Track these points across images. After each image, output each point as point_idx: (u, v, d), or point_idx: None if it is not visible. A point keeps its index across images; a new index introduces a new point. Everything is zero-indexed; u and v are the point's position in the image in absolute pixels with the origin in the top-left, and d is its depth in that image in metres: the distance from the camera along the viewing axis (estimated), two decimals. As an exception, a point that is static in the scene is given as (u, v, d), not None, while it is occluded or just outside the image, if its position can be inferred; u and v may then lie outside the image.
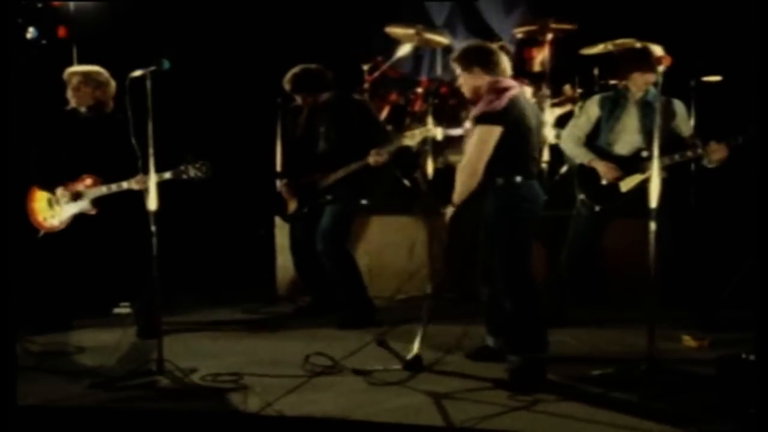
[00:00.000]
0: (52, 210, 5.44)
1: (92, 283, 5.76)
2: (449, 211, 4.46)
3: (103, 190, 5.32)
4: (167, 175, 5.05)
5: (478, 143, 4.26)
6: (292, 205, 5.99)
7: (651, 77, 5.21)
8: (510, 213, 4.31)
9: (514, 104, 4.29)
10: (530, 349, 4.30)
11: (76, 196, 5.37)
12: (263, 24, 7.67)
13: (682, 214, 5.31)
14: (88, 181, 5.36)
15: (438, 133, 5.86)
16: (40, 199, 5.49)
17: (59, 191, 5.40)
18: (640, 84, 5.29)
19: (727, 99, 6.24)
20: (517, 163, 4.32)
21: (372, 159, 5.54)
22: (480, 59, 4.44)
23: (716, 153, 5.10)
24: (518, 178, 4.31)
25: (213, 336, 5.47)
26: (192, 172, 5.12)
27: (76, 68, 5.57)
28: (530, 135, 4.38)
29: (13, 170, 4.76)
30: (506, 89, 4.31)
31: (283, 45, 7.47)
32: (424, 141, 6.52)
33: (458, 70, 4.51)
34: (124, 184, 5.24)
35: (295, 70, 5.77)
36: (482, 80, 4.41)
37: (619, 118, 5.37)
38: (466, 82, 4.48)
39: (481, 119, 4.26)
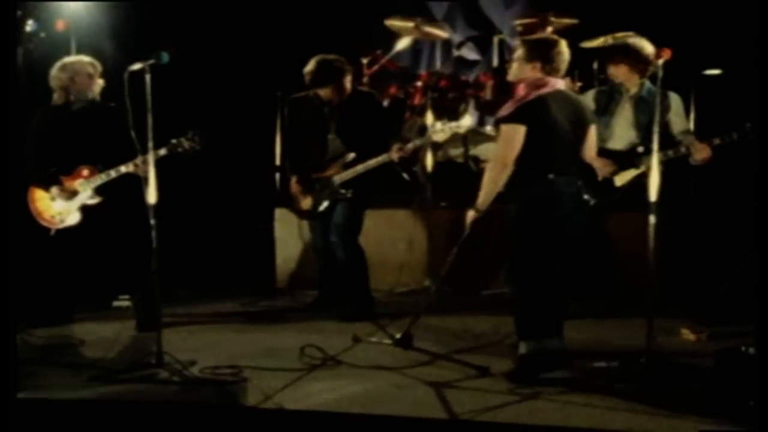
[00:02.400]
0: (58, 207, 5.40)
1: (92, 275, 5.76)
2: (471, 216, 4.42)
3: (103, 177, 5.32)
4: (162, 151, 5.09)
5: (505, 142, 4.30)
6: (306, 202, 5.81)
7: (622, 68, 5.25)
8: (534, 208, 4.32)
9: (540, 102, 4.30)
10: (536, 334, 4.28)
11: (72, 194, 5.36)
12: (262, 17, 7.66)
13: (681, 208, 5.32)
14: (85, 172, 5.35)
15: (465, 128, 5.71)
16: (42, 198, 5.43)
17: (54, 190, 5.38)
18: (625, 79, 5.33)
19: (728, 93, 6.24)
20: (546, 161, 4.30)
21: (395, 154, 5.44)
22: (544, 56, 4.38)
23: (699, 152, 5.12)
24: (550, 176, 4.29)
25: (212, 329, 5.48)
26: (186, 144, 5.16)
27: (73, 60, 5.52)
28: (558, 132, 4.33)
29: (13, 165, 4.76)
30: (539, 87, 4.33)
31: (281, 38, 7.47)
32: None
33: (518, 53, 4.46)
34: (122, 168, 5.24)
35: (318, 59, 5.57)
36: (532, 74, 4.40)
37: (613, 113, 5.40)
38: (520, 68, 4.45)
39: (504, 120, 4.29)
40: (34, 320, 5.43)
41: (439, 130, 5.40)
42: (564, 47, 4.42)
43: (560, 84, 4.43)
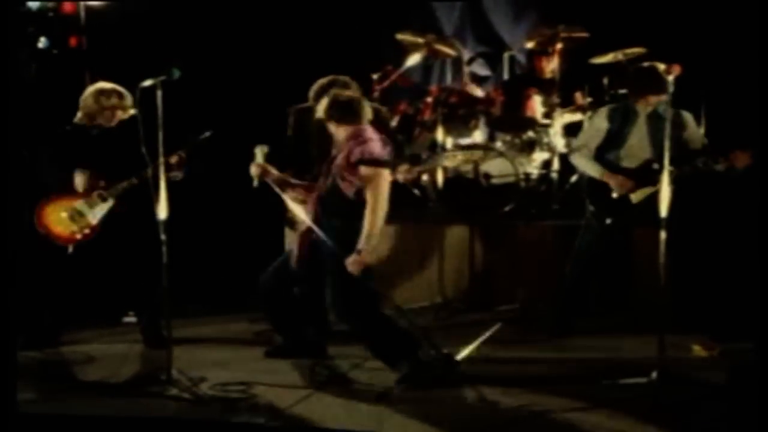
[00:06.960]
0: (78, 222, 5.30)
1: (102, 291, 5.75)
2: (364, 259, 4.46)
3: (124, 184, 5.25)
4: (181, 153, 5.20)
5: (385, 186, 4.51)
6: None
7: (663, 97, 5.16)
8: (351, 247, 4.47)
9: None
10: (399, 356, 4.48)
11: (94, 204, 5.32)
12: (273, 31, 7.68)
13: (693, 225, 5.29)
14: (101, 183, 5.33)
15: (478, 155, 5.66)
16: (58, 221, 5.32)
17: (79, 202, 5.27)
18: (653, 103, 5.28)
19: (738, 107, 6.22)
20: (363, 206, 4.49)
21: (401, 176, 5.32)
22: (348, 115, 4.62)
23: (740, 161, 5.08)
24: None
25: (221, 345, 5.47)
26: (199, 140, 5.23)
27: (108, 86, 5.42)
28: None
29: (16, 175, 4.74)
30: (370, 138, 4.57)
31: (293, 52, 7.49)
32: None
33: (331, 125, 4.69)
34: (149, 171, 4.95)
35: (323, 82, 5.42)
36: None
37: (629, 133, 5.36)
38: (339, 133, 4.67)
39: (376, 163, 4.48)
40: (23, 342, 5.27)
41: (451, 156, 5.34)
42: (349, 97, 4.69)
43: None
